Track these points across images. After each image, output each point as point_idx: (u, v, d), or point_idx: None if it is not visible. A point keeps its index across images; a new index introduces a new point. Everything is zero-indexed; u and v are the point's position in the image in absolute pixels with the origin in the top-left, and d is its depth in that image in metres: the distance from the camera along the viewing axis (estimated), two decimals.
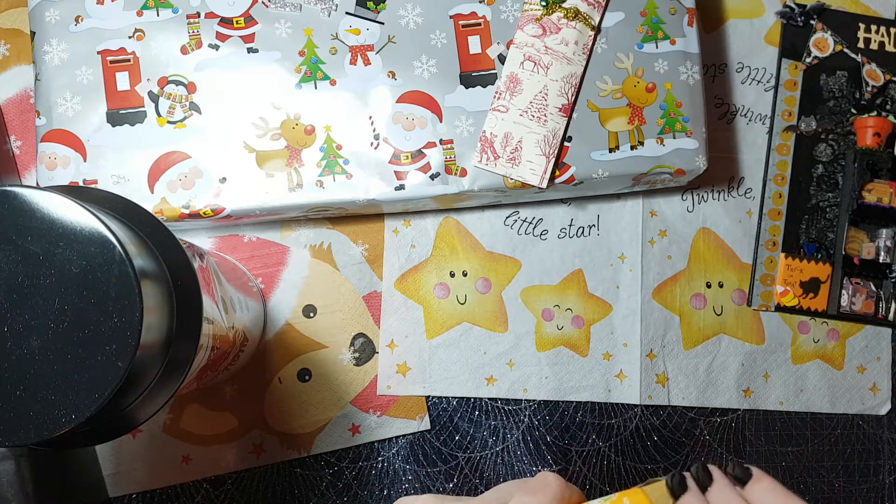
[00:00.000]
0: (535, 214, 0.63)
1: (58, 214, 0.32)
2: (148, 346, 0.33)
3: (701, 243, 0.64)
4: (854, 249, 0.62)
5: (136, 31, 0.56)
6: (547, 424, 0.61)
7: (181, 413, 0.59)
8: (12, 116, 0.61)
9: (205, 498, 0.59)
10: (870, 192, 0.62)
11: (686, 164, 0.57)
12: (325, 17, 0.57)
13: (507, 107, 0.57)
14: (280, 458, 0.59)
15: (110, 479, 0.58)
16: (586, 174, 0.57)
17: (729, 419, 0.63)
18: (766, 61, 0.66)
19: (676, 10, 0.58)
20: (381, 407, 0.60)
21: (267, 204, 0.56)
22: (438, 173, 0.56)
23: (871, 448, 0.64)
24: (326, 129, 0.56)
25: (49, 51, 0.56)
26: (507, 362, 0.61)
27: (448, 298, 0.61)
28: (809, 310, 0.63)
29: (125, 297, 0.32)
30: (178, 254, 0.38)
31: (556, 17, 0.57)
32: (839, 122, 0.64)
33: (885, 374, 0.64)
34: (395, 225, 0.62)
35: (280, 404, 0.59)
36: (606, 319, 0.62)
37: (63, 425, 0.31)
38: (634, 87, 0.58)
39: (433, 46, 0.57)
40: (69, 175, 0.55)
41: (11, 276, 0.31)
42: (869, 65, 0.64)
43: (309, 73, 0.57)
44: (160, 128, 0.56)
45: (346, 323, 0.61)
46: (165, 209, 0.55)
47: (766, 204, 0.64)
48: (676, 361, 0.62)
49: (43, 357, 0.31)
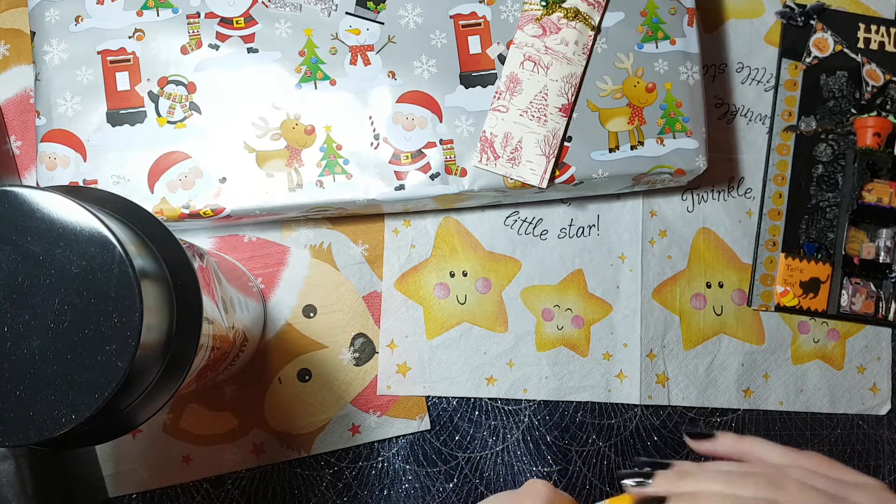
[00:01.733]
0: (535, 214, 0.63)
1: (58, 214, 0.32)
2: (148, 346, 0.33)
3: (701, 243, 0.64)
4: (854, 249, 0.62)
5: (136, 31, 0.56)
6: (547, 424, 0.61)
7: (181, 413, 0.59)
8: (12, 116, 0.61)
9: (205, 498, 0.59)
10: (870, 192, 0.62)
11: (686, 164, 0.57)
12: (325, 17, 0.57)
13: (507, 107, 0.57)
14: (280, 458, 0.59)
15: (110, 479, 0.58)
16: (586, 174, 0.57)
17: (729, 419, 0.63)
18: (766, 61, 0.66)
19: (676, 10, 0.58)
20: (381, 407, 0.60)
21: (267, 204, 0.56)
22: (438, 173, 0.56)
23: (871, 448, 0.64)
24: (326, 129, 0.56)
25: (49, 51, 0.56)
26: (507, 362, 0.61)
27: (448, 298, 0.61)
28: (809, 310, 0.63)
29: (125, 297, 0.32)
30: (178, 254, 0.38)
31: (556, 17, 0.57)
32: (839, 122, 0.64)
33: (885, 374, 0.64)
34: (395, 225, 0.62)
35: (280, 404, 0.59)
36: (606, 319, 0.62)
37: (63, 425, 0.31)
38: (634, 87, 0.58)
39: (433, 46, 0.57)
40: (69, 175, 0.55)
41: (11, 276, 0.31)
42: (869, 65, 0.64)
43: (309, 73, 0.56)
44: (160, 128, 0.56)
45: (346, 323, 0.61)
46: (165, 209, 0.55)
47: (766, 204, 0.64)
48: (676, 361, 0.62)
49: (43, 357, 0.31)
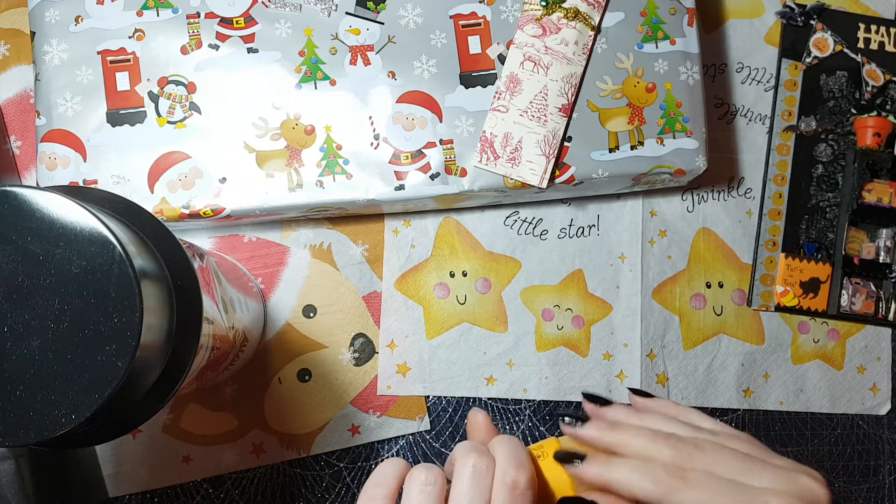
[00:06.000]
0: (535, 214, 0.62)
1: (58, 214, 0.32)
2: (148, 346, 0.33)
3: (701, 243, 0.64)
4: (854, 249, 0.62)
5: (136, 31, 0.56)
6: (547, 424, 0.61)
7: (181, 413, 0.59)
8: (12, 116, 0.61)
9: (205, 498, 0.59)
10: (870, 192, 0.62)
11: (686, 164, 0.57)
12: (325, 17, 0.57)
13: (507, 107, 0.57)
14: (280, 459, 0.59)
15: (110, 479, 0.58)
16: (586, 174, 0.57)
17: (729, 419, 0.63)
18: (766, 61, 0.66)
19: (676, 10, 0.58)
20: (380, 407, 0.60)
21: (267, 204, 0.55)
22: (438, 173, 0.56)
23: (871, 448, 0.64)
24: (326, 129, 0.56)
25: (49, 51, 0.56)
26: (507, 362, 0.61)
27: (448, 298, 0.61)
28: (809, 310, 0.63)
29: (125, 297, 0.32)
30: (178, 254, 0.38)
31: (556, 17, 0.57)
32: (839, 122, 0.64)
33: (885, 374, 0.64)
34: (395, 225, 0.62)
35: (280, 404, 0.59)
36: (606, 319, 0.62)
37: (63, 425, 0.31)
38: (634, 87, 0.58)
39: (433, 46, 0.57)
40: (69, 175, 0.55)
41: (11, 276, 0.31)
42: (869, 65, 0.64)
43: (309, 73, 0.56)
44: (160, 128, 0.56)
45: (346, 323, 0.61)
46: (165, 209, 0.55)
47: (766, 204, 0.64)
48: (676, 361, 0.62)
49: (43, 357, 0.31)
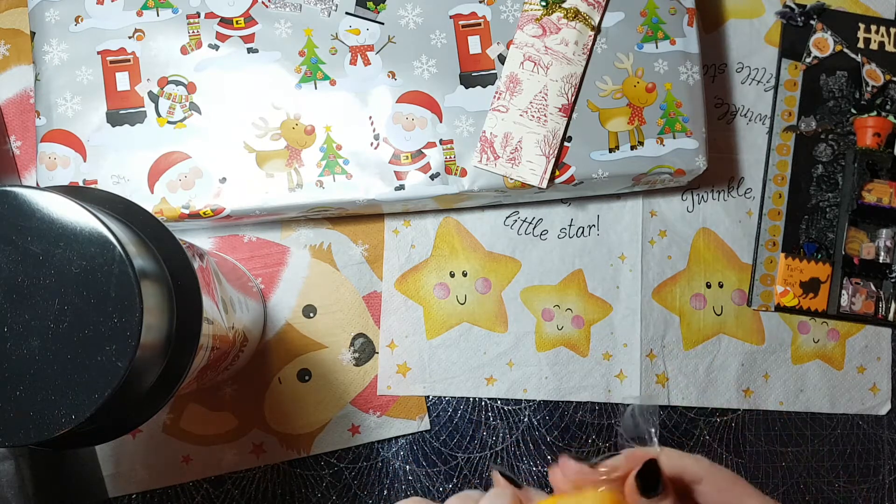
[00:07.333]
0: (535, 214, 0.62)
1: (58, 214, 0.32)
2: (148, 346, 0.33)
3: (701, 243, 0.64)
4: (854, 249, 0.62)
5: (136, 31, 0.56)
6: (547, 424, 0.61)
7: (181, 413, 0.59)
8: (12, 116, 0.61)
9: (205, 498, 0.59)
10: (870, 192, 0.62)
11: (686, 164, 0.57)
12: (325, 17, 0.57)
13: (507, 107, 0.57)
14: (280, 459, 0.59)
15: (110, 479, 0.58)
16: (586, 174, 0.57)
17: (729, 419, 0.63)
18: (766, 61, 0.66)
19: (676, 10, 0.58)
20: (380, 407, 0.60)
21: (267, 204, 0.55)
22: (438, 173, 0.56)
23: (871, 448, 0.64)
24: (326, 129, 0.56)
25: (49, 51, 0.56)
26: (507, 362, 0.61)
27: (448, 298, 0.61)
28: (809, 310, 0.63)
29: (125, 297, 0.32)
30: (178, 254, 0.38)
31: (556, 17, 0.57)
32: (839, 122, 0.64)
33: (885, 374, 0.64)
34: (395, 225, 0.62)
35: (280, 404, 0.59)
36: (606, 319, 0.62)
37: (63, 425, 0.31)
38: (634, 87, 0.58)
39: (433, 46, 0.57)
40: (69, 175, 0.55)
41: (11, 276, 0.31)
42: (869, 65, 0.64)
43: (309, 73, 0.56)
44: (160, 128, 0.56)
45: (346, 323, 0.61)
46: (165, 209, 0.55)
47: (765, 204, 0.64)
48: (676, 361, 0.62)
49: (43, 357, 0.31)
